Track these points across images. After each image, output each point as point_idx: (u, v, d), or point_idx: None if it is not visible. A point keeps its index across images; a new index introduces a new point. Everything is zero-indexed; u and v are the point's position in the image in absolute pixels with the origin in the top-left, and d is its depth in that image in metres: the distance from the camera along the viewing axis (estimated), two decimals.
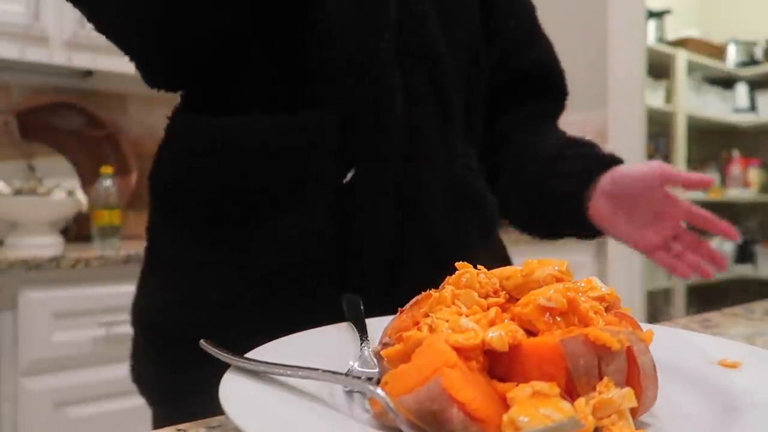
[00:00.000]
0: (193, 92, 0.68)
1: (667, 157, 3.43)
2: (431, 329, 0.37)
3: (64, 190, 1.89)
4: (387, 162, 0.63)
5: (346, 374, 0.37)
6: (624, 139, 2.61)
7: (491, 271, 0.42)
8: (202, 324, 0.62)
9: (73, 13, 1.81)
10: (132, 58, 0.63)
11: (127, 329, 0.72)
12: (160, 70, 0.64)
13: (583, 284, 0.40)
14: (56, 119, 2.13)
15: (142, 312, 0.70)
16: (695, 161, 3.69)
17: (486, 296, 0.40)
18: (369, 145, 0.62)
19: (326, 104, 0.62)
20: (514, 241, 2.39)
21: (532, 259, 0.42)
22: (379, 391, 0.33)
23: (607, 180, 0.72)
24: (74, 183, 2.12)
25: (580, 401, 0.32)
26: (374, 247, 0.62)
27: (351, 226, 0.61)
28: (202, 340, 0.41)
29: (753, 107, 3.76)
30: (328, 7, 0.62)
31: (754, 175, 3.75)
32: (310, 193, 0.61)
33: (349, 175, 0.61)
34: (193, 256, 0.64)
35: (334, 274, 0.61)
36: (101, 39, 0.61)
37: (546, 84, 0.85)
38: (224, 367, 0.38)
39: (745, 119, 3.72)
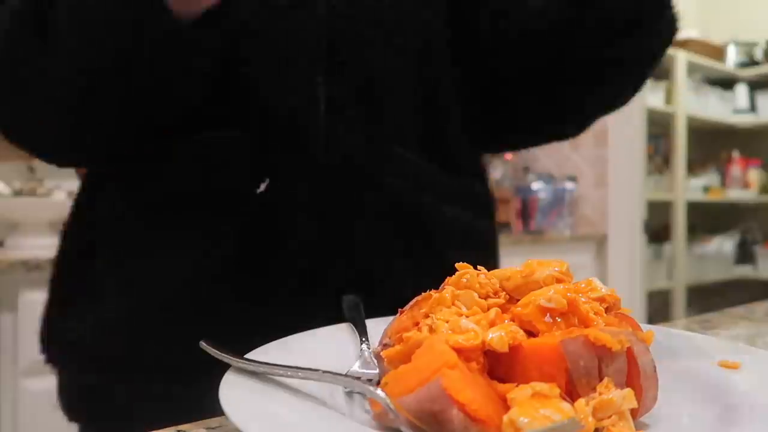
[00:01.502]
0: None
1: (667, 158, 3.44)
2: (431, 330, 0.37)
3: (64, 191, 1.89)
4: (303, 173, 0.59)
5: (346, 375, 0.37)
6: (624, 140, 2.61)
7: (491, 271, 0.42)
8: (117, 341, 0.60)
9: None
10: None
11: None
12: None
13: (583, 285, 0.40)
14: None
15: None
16: (695, 162, 3.69)
17: (486, 297, 0.40)
18: (285, 156, 0.59)
19: (242, 116, 0.58)
20: (514, 242, 2.39)
21: (532, 260, 0.42)
22: (379, 391, 0.33)
23: None
24: (74, 184, 2.12)
25: (581, 402, 0.32)
26: (287, 260, 0.59)
27: (266, 239, 0.58)
28: (201, 341, 0.41)
29: (753, 108, 3.76)
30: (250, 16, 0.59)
31: (754, 175, 3.75)
32: (213, 206, 0.59)
33: (263, 186, 0.58)
34: (106, 266, 0.62)
35: (239, 288, 0.58)
36: None
37: None
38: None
39: (745, 120, 3.72)
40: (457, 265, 0.43)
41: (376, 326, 0.46)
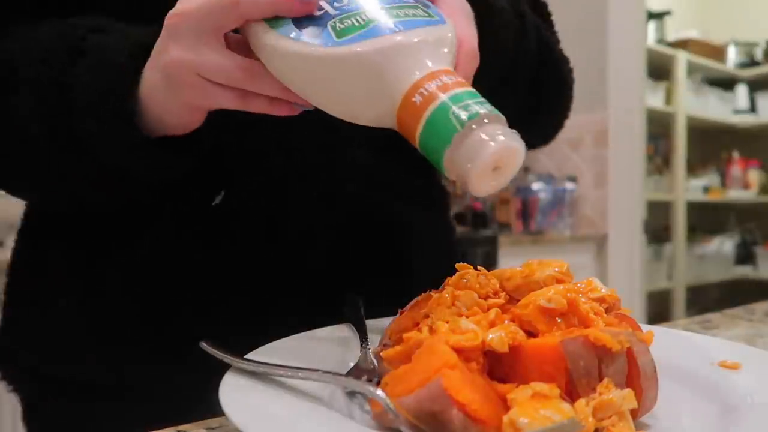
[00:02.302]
0: None
1: (667, 158, 3.44)
2: (431, 330, 0.37)
3: None
4: (256, 184, 0.56)
5: (346, 375, 0.37)
6: (624, 140, 2.61)
7: (492, 272, 0.42)
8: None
9: None
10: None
11: None
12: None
13: (583, 285, 0.40)
14: None
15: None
16: (695, 162, 3.69)
17: (486, 297, 0.40)
18: (241, 167, 0.56)
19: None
20: (514, 242, 2.39)
21: (532, 260, 0.42)
22: (379, 392, 0.33)
23: None
24: None
25: (581, 402, 0.32)
26: (240, 273, 0.56)
27: (219, 252, 0.56)
28: (202, 342, 0.41)
29: (753, 108, 3.76)
30: None
31: (754, 176, 3.75)
32: (168, 220, 0.56)
33: (218, 198, 0.55)
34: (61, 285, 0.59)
35: (195, 304, 0.56)
36: None
37: None
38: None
39: (745, 120, 3.72)
40: (457, 265, 0.43)
41: (376, 326, 0.46)
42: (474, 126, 0.34)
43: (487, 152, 0.33)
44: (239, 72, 0.40)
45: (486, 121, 0.34)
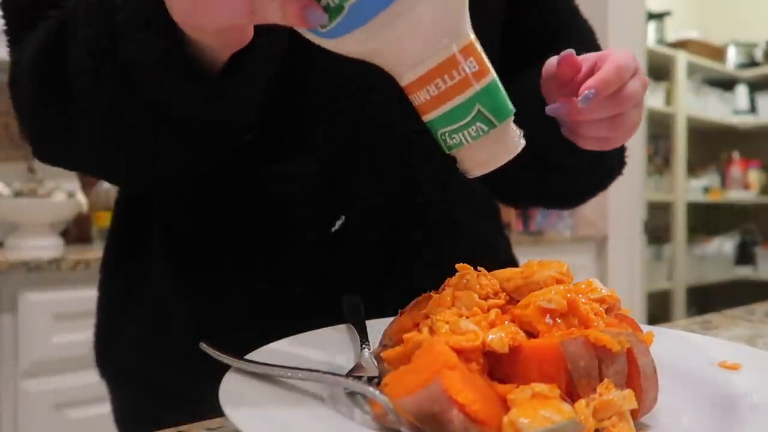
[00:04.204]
0: None
1: (667, 159, 3.43)
2: (431, 331, 0.37)
3: (64, 192, 1.89)
4: (375, 209, 0.57)
5: (347, 376, 0.37)
6: None
7: (491, 272, 0.42)
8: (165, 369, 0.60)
9: None
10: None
11: None
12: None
13: (583, 286, 0.40)
14: None
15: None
16: (695, 163, 3.69)
17: (486, 298, 0.40)
18: (358, 192, 0.57)
19: (315, 150, 0.56)
20: (514, 242, 2.39)
21: (533, 260, 0.42)
22: (379, 392, 0.33)
23: None
24: (74, 185, 2.12)
25: (581, 403, 0.32)
26: (355, 293, 0.56)
27: (334, 274, 0.57)
28: (202, 342, 0.41)
29: (753, 109, 3.76)
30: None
31: (755, 176, 3.75)
32: (289, 241, 0.56)
33: (338, 223, 0.56)
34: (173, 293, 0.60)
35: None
36: None
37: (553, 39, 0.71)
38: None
39: (746, 121, 3.72)
40: (457, 266, 0.43)
41: (376, 327, 0.46)
42: (510, 124, 0.36)
43: (516, 149, 0.37)
44: None
45: (513, 118, 0.37)
